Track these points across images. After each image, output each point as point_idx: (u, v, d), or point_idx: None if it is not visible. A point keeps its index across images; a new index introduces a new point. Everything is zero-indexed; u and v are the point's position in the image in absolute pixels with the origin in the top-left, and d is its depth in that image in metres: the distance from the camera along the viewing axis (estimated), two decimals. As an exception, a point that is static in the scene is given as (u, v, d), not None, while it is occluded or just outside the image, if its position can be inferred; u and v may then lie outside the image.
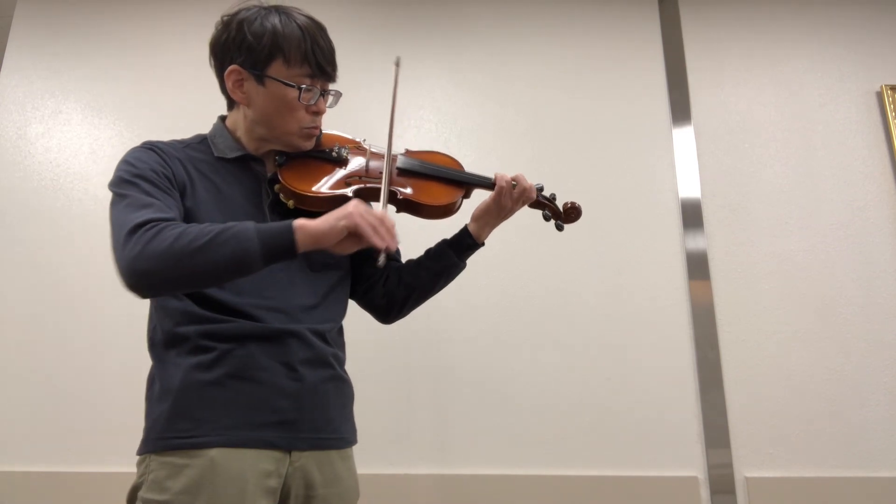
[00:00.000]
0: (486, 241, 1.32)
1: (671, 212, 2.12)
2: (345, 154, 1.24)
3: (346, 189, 1.19)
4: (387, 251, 1.00)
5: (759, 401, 1.94)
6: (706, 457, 1.90)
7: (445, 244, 1.31)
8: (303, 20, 1.14)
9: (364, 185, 1.20)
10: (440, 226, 1.32)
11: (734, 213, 2.12)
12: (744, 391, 1.95)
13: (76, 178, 2.20)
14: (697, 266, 2.06)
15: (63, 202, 2.17)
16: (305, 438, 1.08)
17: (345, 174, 1.22)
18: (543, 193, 1.33)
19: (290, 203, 1.16)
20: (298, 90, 1.13)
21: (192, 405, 1.03)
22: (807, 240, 2.08)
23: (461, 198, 1.29)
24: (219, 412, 1.03)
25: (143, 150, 1.11)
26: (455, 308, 2.01)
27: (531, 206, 1.34)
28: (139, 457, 1.05)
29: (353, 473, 1.19)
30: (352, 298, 1.31)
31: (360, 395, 1.25)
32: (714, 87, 2.26)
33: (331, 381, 1.14)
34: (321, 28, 1.16)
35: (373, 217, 1.00)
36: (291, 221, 0.99)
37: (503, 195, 1.27)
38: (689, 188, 2.14)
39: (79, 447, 1.93)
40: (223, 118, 1.24)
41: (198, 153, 1.18)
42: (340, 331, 1.24)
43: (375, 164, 1.24)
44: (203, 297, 1.07)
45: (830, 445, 1.90)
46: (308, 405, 1.09)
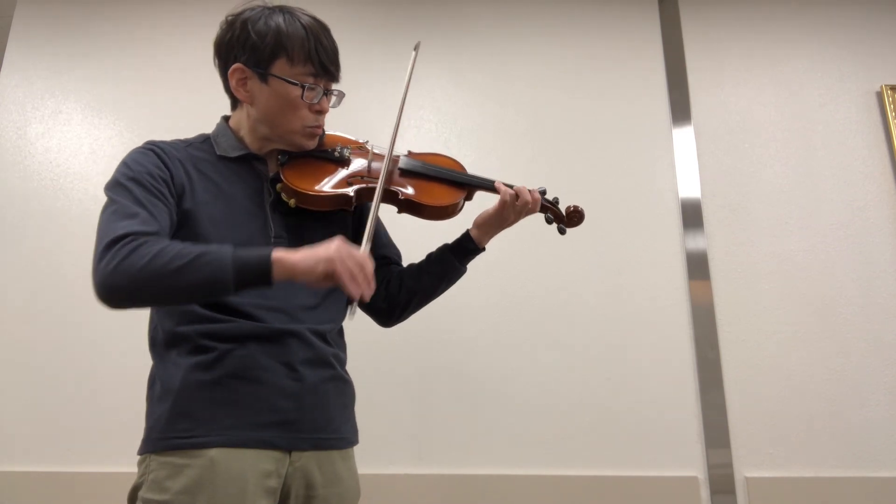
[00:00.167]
0: None
1: (671, 212, 2.13)
2: (347, 154, 1.24)
3: (348, 188, 1.19)
4: (361, 299, 0.99)
5: (759, 401, 1.94)
6: (706, 457, 1.90)
7: (447, 248, 1.31)
8: (307, 20, 1.15)
9: (366, 185, 1.20)
10: (442, 228, 1.32)
11: (734, 213, 2.12)
12: (744, 391, 1.95)
13: (76, 178, 2.20)
14: (697, 266, 2.06)
15: (63, 202, 2.17)
16: (306, 438, 1.08)
17: (347, 174, 1.22)
18: (546, 197, 1.33)
19: (292, 202, 1.17)
20: (301, 88, 1.13)
21: (193, 405, 1.03)
22: (807, 240, 2.08)
23: (463, 199, 1.29)
24: (219, 412, 1.03)
25: (143, 153, 1.11)
26: (455, 308, 2.00)
27: None
28: (140, 457, 1.05)
29: (354, 473, 1.19)
30: None
31: (361, 396, 1.25)
32: (714, 87, 2.26)
33: (331, 381, 1.15)
34: (325, 28, 1.17)
35: (353, 262, 0.97)
36: (271, 252, 0.97)
37: (506, 208, 1.27)
38: (689, 188, 2.14)
39: (79, 447, 1.93)
40: (227, 118, 1.25)
41: (200, 152, 1.18)
42: (341, 331, 1.24)
43: (378, 165, 1.24)
44: None
45: (830, 445, 1.90)
46: (309, 405, 1.09)
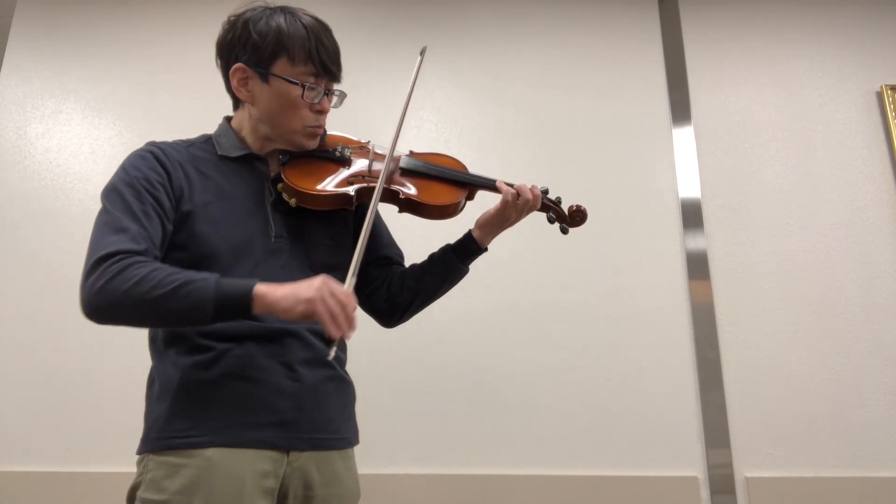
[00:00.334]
0: None
1: (671, 212, 2.13)
2: (348, 154, 1.24)
3: (349, 188, 1.19)
4: (341, 340, 0.97)
5: (759, 401, 1.94)
6: (706, 457, 1.90)
7: (449, 249, 1.31)
8: (308, 20, 1.15)
9: (367, 185, 1.20)
10: (444, 229, 1.32)
11: (734, 213, 2.12)
12: (744, 391, 1.95)
13: (76, 179, 2.20)
14: (697, 266, 2.06)
15: (63, 202, 2.17)
16: (305, 438, 1.08)
17: (348, 174, 1.22)
18: (549, 196, 1.32)
19: (293, 202, 1.17)
20: (302, 88, 1.13)
21: (191, 405, 1.03)
22: (807, 240, 2.08)
23: (464, 199, 1.29)
24: (217, 412, 1.03)
25: (141, 156, 1.11)
26: (455, 308, 2.00)
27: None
28: (139, 456, 1.05)
29: (354, 474, 1.19)
30: None
31: (361, 396, 1.25)
32: (714, 87, 2.26)
33: (331, 382, 1.14)
34: (326, 28, 1.17)
35: (335, 302, 0.95)
36: (253, 287, 0.96)
37: (507, 207, 1.26)
38: (689, 188, 2.14)
39: (79, 447, 1.93)
40: (229, 118, 1.25)
41: (201, 152, 1.18)
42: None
43: (379, 165, 1.24)
44: None
45: (830, 445, 1.90)
46: (308, 405, 1.09)
